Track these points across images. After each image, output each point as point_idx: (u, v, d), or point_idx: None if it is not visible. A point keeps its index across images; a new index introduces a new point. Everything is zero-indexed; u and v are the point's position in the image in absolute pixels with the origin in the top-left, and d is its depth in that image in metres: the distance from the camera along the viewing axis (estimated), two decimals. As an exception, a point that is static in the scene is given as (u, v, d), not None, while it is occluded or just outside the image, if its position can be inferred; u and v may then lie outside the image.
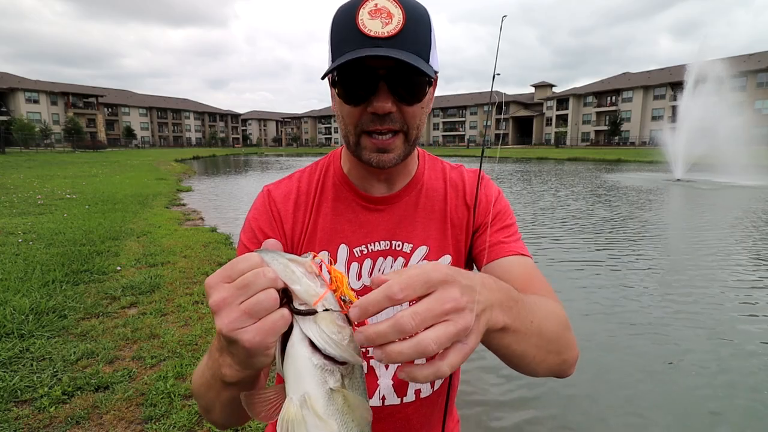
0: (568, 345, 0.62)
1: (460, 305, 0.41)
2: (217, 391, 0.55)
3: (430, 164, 0.88)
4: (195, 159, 42.68)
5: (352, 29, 0.62)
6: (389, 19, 0.62)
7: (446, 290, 0.41)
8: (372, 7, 0.62)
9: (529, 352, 0.55)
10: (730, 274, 5.36)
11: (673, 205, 11.70)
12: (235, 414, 0.60)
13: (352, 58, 0.61)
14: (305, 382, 0.42)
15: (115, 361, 2.90)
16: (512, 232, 0.82)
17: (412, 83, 0.66)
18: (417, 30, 0.64)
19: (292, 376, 0.43)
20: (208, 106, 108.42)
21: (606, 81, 74.73)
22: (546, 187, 15.78)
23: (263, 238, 0.76)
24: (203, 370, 0.58)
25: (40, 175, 16.90)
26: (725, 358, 3.38)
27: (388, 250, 0.81)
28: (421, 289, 0.40)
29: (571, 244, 6.93)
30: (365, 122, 0.68)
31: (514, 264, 0.76)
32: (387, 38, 0.62)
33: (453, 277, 0.42)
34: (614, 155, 38.93)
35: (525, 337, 0.52)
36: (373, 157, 0.70)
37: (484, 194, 0.84)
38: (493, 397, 2.92)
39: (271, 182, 0.85)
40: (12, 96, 63.46)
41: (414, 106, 0.68)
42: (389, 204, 0.81)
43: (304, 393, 0.42)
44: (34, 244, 5.76)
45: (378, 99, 0.65)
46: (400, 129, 0.69)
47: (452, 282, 0.42)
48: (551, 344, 0.57)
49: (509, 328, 0.50)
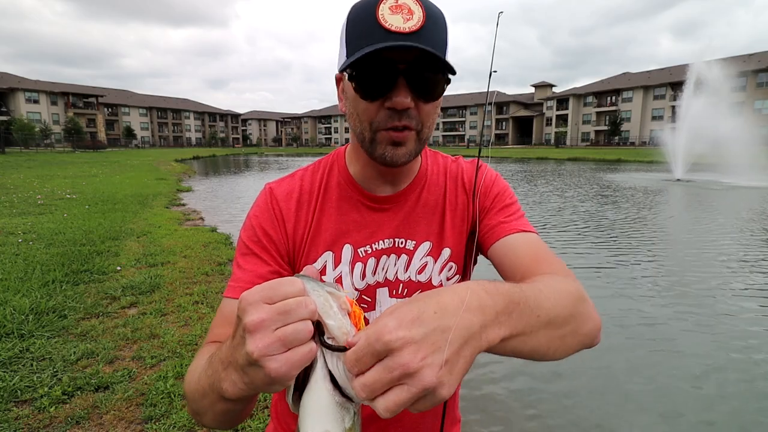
0: (584, 319, 0.58)
1: (410, 369, 0.38)
2: (211, 402, 0.54)
3: (432, 159, 0.88)
4: (195, 159, 42.65)
5: (372, 24, 0.62)
6: (410, 15, 0.62)
7: (394, 357, 0.39)
8: (393, 3, 0.62)
9: (541, 346, 0.52)
10: (737, 277, 5.36)
11: (674, 206, 11.70)
12: (227, 422, 0.59)
13: (376, 49, 0.60)
14: (327, 419, 0.42)
15: (115, 361, 2.90)
16: (513, 210, 0.82)
17: (431, 80, 0.66)
18: (436, 29, 0.64)
19: (314, 412, 0.42)
20: (208, 106, 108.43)
21: (606, 81, 74.74)
22: (551, 188, 15.77)
23: (264, 237, 0.76)
24: (200, 377, 0.56)
25: (40, 175, 16.90)
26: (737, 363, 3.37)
27: (392, 248, 0.81)
28: (371, 361, 0.40)
29: (584, 248, 6.92)
30: (381, 119, 0.67)
31: (519, 241, 0.75)
32: (409, 33, 0.61)
33: (400, 335, 0.39)
34: (614, 155, 38.93)
35: (533, 335, 0.50)
36: (387, 151, 0.69)
37: (482, 178, 0.84)
38: (495, 397, 2.92)
39: (272, 180, 0.84)
40: (12, 96, 63.45)
41: (430, 104, 0.68)
42: (394, 203, 0.81)
43: (325, 430, 0.42)
44: (34, 244, 5.76)
45: (397, 94, 0.64)
46: (415, 127, 0.68)
47: (403, 344, 0.39)
48: (565, 327, 0.55)
49: (511, 336, 0.48)
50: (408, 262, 0.82)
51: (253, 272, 0.74)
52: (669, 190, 14.76)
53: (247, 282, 0.72)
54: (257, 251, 0.75)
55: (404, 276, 0.82)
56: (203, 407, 0.57)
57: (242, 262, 0.75)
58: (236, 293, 0.72)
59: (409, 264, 0.82)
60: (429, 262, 0.82)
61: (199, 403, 0.57)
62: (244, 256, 0.76)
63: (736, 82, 51.05)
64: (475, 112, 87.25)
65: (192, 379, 0.60)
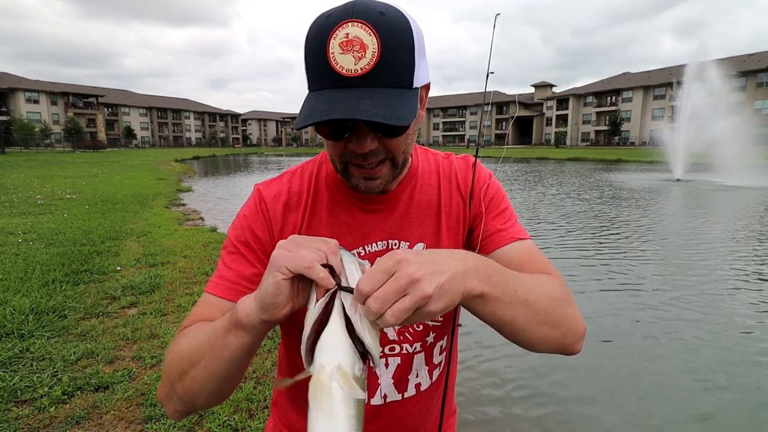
0: (564, 319, 0.64)
1: (415, 277, 0.47)
2: (220, 348, 0.59)
3: (423, 157, 0.86)
4: (195, 159, 42.67)
5: (323, 64, 0.58)
6: (362, 51, 0.56)
7: (402, 269, 0.48)
8: (343, 38, 0.56)
9: (519, 321, 0.59)
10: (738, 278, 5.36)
11: (675, 207, 11.70)
12: (215, 380, 0.61)
13: (319, 120, 0.57)
14: (340, 353, 0.47)
15: (115, 361, 2.90)
16: (508, 216, 0.82)
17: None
18: (395, 57, 0.58)
19: (329, 348, 0.47)
20: (208, 106, 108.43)
21: (606, 81, 74.74)
22: (568, 189, 15.76)
23: (251, 238, 0.76)
24: (206, 332, 0.62)
25: (40, 175, 16.90)
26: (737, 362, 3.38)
27: (386, 250, 0.79)
28: (383, 277, 0.48)
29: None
30: (348, 155, 0.66)
31: (514, 250, 0.77)
32: (360, 76, 0.57)
33: (408, 257, 0.49)
34: (614, 155, 38.94)
35: (510, 306, 0.57)
36: (361, 184, 0.69)
37: (476, 180, 0.83)
38: (491, 393, 2.92)
39: (261, 181, 0.83)
40: (12, 96, 63.45)
41: (398, 138, 0.65)
42: (386, 203, 0.80)
43: (339, 364, 0.46)
44: (34, 244, 5.76)
45: (358, 138, 0.62)
46: (385, 158, 0.67)
47: (407, 261, 0.49)
48: (542, 316, 0.60)
49: (489, 295, 0.55)
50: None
51: (237, 272, 0.74)
52: (669, 191, 14.77)
53: (230, 281, 0.73)
54: (244, 251, 0.75)
55: None
56: (197, 358, 0.61)
57: (228, 260, 0.76)
58: (218, 290, 0.73)
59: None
60: None
61: (196, 354, 0.61)
62: (230, 254, 0.76)
63: (736, 82, 51.08)
64: (474, 112, 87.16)
65: (183, 347, 0.64)
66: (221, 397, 0.65)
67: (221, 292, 0.72)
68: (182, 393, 0.63)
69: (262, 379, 2.73)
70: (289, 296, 0.54)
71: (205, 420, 2.32)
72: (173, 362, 0.64)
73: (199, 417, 2.34)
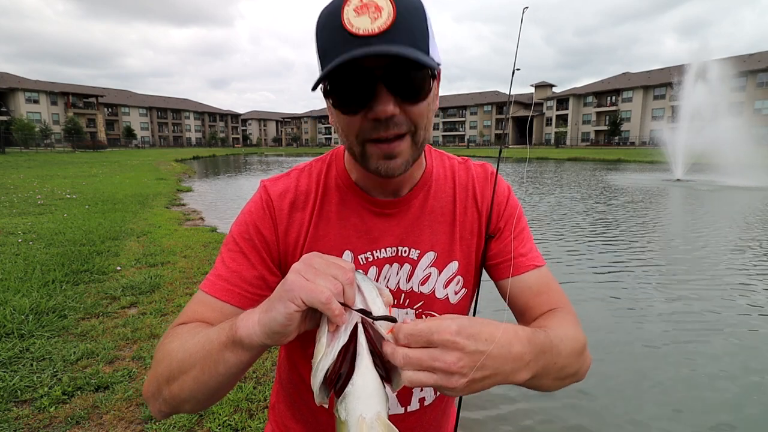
0: (583, 366, 0.66)
1: (451, 370, 0.47)
2: (215, 362, 0.56)
3: (438, 161, 0.82)
4: (195, 159, 42.63)
5: (338, 30, 0.56)
6: (378, 12, 0.55)
7: (444, 353, 0.47)
8: (357, 3, 0.55)
9: (546, 385, 0.60)
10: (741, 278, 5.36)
11: (675, 207, 11.70)
12: (205, 391, 0.58)
13: (341, 62, 0.54)
14: (377, 400, 0.46)
15: (115, 361, 2.90)
16: (526, 238, 0.80)
17: (413, 79, 0.59)
18: (411, 20, 0.57)
19: (365, 395, 0.46)
20: (208, 106, 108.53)
21: (606, 81, 74.75)
22: (568, 189, 15.75)
23: (256, 236, 0.73)
24: (200, 341, 0.58)
25: (40, 175, 16.89)
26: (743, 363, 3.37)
27: (395, 256, 0.76)
28: (420, 344, 0.47)
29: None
30: (367, 130, 0.62)
31: (533, 278, 0.77)
32: (378, 35, 0.55)
33: (458, 340, 0.47)
34: (614, 155, 38.91)
35: (546, 378, 0.58)
36: (381, 165, 0.64)
37: (495, 194, 0.80)
38: (491, 392, 2.92)
39: (268, 178, 0.80)
40: (12, 96, 63.45)
41: (419, 104, 0.61)
42: (397, 208, 0.76)
43: (378, 412, 0.45)
44: (34, 244, 5.76)
45: (378, 103, 0.58)
46: (407, 131, 0.62)
47: (454, 347, 0.47)
48: (568, 370, 0.62)
49: (532, 378, 0.55)
50: (411, 272, 0.77)
51: (237, 273, 0.71)
52: (669, 191, 14.76)
53: (228, 281, 0.70)
54: (246, 250, 0.72)
55: (406, 286, 0.77)
56: (191, 377, 0.57)
57: (227, 258, 0.72)
58: (214, 290, 0.70)
59: (411, 274, 0.77)
60: (433, 273, 0.78)
61: (187, 371, 0.58)
62: (230, 252, 0.72)
63: (736, 82, 51.07)
64: (475, 112, 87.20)
65: (175, 349, 0.60)
66: (209, 404, 0.63)
67: (217, 293, 0.69)
68: (169, 397, 0.60)
69: (262, 379, 2.73)
70: (297, 326, 0.51)
71: (205, 420, 2.32)
72: (162, 363, 0.61)
73: (199, 417, 2.34)
